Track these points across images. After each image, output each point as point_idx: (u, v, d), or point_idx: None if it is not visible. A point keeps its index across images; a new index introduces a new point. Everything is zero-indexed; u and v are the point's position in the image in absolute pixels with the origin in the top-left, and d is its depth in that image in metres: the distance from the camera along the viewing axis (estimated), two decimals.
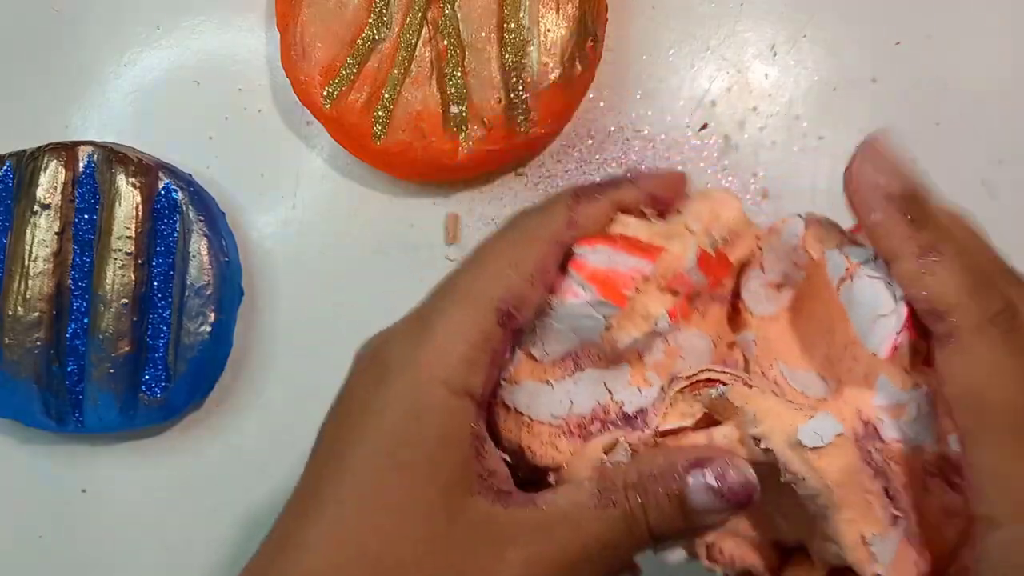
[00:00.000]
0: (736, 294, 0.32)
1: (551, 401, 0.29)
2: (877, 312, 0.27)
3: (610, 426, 0.29)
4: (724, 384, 0.28)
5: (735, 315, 0.32)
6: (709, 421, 0.29)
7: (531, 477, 0.30)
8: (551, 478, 0.30)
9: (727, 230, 0.30)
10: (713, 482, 0.27)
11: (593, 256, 0.28)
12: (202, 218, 0.45)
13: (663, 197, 0.30)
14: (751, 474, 0.27)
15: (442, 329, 0.27)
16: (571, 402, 0.29)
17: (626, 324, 0.28)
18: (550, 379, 0.29)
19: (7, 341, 0.44)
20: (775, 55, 0.47)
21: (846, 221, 0.32)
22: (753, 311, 0.31)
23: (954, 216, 0.28)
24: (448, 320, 0.27)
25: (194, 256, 0.44)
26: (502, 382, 0.29)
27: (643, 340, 0.29)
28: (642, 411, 0.29)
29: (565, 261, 0.28)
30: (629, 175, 0.30)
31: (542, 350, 0.29)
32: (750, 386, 0.28)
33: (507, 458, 0.29)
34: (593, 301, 0.28)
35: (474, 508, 0.26)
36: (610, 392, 0.29)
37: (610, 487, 0.27)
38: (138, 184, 0.44)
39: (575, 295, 0.28)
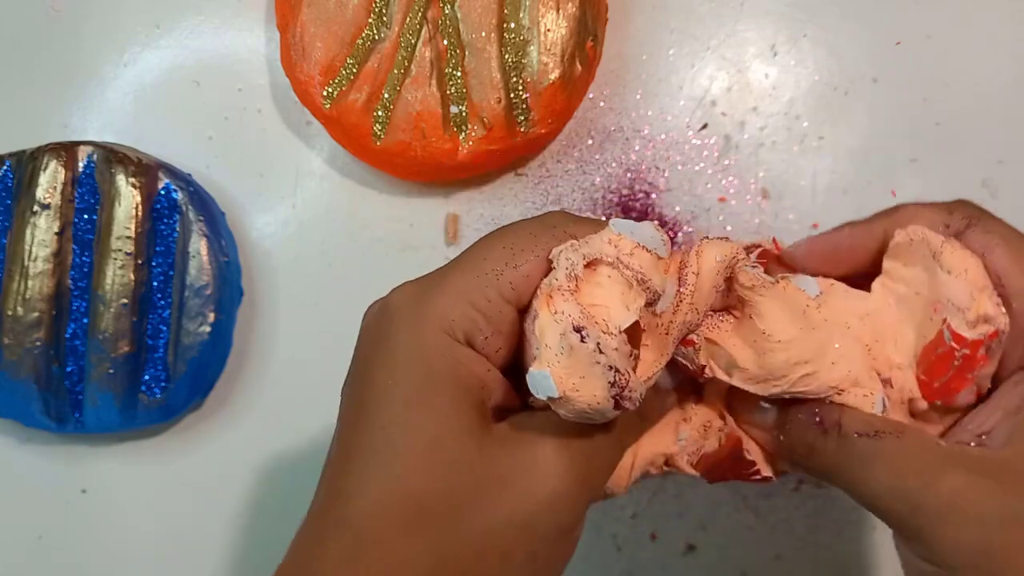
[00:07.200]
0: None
1: None
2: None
3: None
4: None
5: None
6: None
7: None
8: None
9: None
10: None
11: None
12: (202, 218, 0.45)
13: None
14: None
15: (446, 286, 0.28)
16: None
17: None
18: None
19: (7, 341, 0.44)
20: (775, 55, 0.47)
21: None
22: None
23: None
24: (452, 281, 0.28)
25: (194, 256, 0.44)
26: None
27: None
28: None
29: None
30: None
31: None
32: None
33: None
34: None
35: (498, 429, 0.28)
36: None
37: None
38: (138, 184, 0.44)
39: None
